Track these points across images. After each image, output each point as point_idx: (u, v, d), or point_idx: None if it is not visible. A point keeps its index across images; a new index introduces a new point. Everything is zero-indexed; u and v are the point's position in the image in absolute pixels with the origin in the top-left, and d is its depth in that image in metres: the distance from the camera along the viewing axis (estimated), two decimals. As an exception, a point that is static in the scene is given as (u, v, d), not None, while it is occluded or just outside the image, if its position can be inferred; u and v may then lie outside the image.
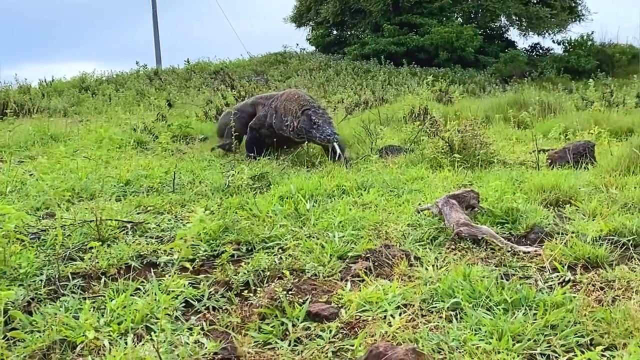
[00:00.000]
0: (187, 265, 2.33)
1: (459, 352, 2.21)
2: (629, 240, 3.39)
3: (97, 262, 3.16)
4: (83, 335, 2.32)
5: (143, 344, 2.28)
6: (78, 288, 2.92)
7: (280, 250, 3.41)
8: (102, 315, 2.56)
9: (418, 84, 18.33)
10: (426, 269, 3.02)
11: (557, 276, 2.94)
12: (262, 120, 7.14)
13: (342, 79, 21.83)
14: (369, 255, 3.22)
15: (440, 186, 4.89)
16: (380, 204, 4.36)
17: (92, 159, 6.23)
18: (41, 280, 2.94)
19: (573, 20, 28.94)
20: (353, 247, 3.39)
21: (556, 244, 3.29)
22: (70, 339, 2.35)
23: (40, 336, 2.38)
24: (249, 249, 3.46)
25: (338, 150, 6.38)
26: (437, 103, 12.25)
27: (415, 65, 24.50)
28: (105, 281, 2.99)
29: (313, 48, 30.93)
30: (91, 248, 3.26)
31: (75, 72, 49.54)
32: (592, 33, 27.27)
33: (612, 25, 62.09)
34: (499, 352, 2.18)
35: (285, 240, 3.54)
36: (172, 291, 2.76)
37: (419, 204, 4.27)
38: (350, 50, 27.30)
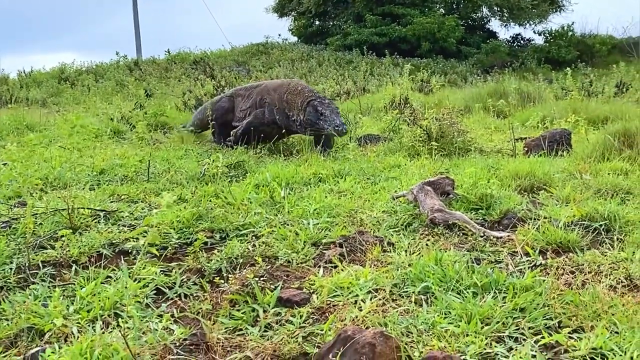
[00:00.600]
0: (155, 251, 2.31)
1: (427, 334, 2.22)
2: (600, 225, 3.43)
3: (68, 251, 3.13)
4: (51, 323, 2.30)
5: (111, 331, 2.26)
6: (48, 276, 2.88)
7: (254, 237, 3.39)
8: (72, 303, 2.54)
9: (400, 75, 18.31)
10: (399, 254, 3.03)
11: (528, 260, 2.96)
12: (260, 118, 6.70)
13: (324, 69, 21.74)
14: (342, 241, 3.23)
15: (417, 174, 4.90)
16: (356, 192, 4.36)
17: (67, 148, 6.16)
18: (11, 269, 2.91)
19: (554, 10, 29.09)
20: (327, 234, 3.38)
21: (529, 229, 3.32)
22: (39, 327, 2.34)
23: (7, 324, 2.36)
24: (223, 236, 3.44)
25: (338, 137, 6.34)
26: (418, 93, 12.27)
27: (398, 56, 24.48)
28: (76, 269, 2.96)
29: (295, 38, 30.79)
30: (62, 236, 3.22)
31: (55, 63, 48.86)
32: (572, 24, 27.47)
33: (592, 16, 62.65)
34: (467, 335, 2.20)
35: (260, 227, 3.52)
36: (143, 279, 2.74)
37: (395, 191, 4.28)
38: (332, 41, 27.22)
